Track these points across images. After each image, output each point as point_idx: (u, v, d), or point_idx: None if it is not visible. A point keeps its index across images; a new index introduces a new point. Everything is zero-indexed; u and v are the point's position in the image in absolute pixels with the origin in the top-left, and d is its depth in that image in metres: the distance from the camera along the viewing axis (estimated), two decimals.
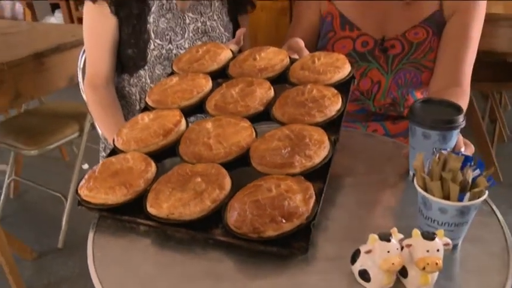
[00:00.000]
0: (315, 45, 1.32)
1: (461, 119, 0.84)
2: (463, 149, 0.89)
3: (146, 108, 0.95)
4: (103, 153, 1.40)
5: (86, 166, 2.62)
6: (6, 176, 2.50)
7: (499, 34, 2.12)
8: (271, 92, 0.89)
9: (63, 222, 2.21)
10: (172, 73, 1.05)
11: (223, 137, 0.79)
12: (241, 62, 0.99)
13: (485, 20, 1.23)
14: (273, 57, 0.98)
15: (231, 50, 1.07)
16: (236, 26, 1.35)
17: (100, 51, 1.26)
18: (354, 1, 1.24)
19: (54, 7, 4.45)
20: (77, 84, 1.82)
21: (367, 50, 1.23)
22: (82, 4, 1.21)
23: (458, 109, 0.87)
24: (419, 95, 1.30)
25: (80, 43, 1.86)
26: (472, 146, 0.96)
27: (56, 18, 4.29)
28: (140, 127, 0.86)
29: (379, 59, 1.23)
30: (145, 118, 0.88)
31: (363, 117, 1.29)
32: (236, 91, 0.88)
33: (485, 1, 1.21)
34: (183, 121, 0.87)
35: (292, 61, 1.00)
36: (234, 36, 1.32)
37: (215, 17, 1.29)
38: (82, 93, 1.68)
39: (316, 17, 1.30)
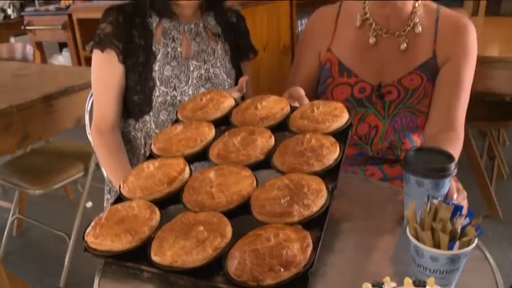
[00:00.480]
0: (315, 90, 1.38)
1: (453, 167, 0.88)
2: (455, 196, 0.92)
3: (151, 156, 0.99)
4: (108, 196, 1.44)
5: (89, 204, 2.64)
6: (10, 214, 2.52)
7: (495, 75, 2.17)
8: (272, 141, 0.93)
9: (66, 262, 2.21)
10: (177, 120, 1.09)
11: (225, 186, 0.83)
12: (243, 110, 1.04)
13: (481, 62, 1.29)
14: (273, 106, 1.03)
15: (233, 98, 1.11)
16: (238, 72, 1.41)
17: (107, 98, 1.32)
18: (352, 49, 1.30)
19: (62, 46, 4.58)
20: (83, 124, 1.87)
21: (365, 96, 1.28)
22: (88, 44, 1.27)
23: (450, 157, 0.90)
24: (415, 138, 1.34)
25: (87, 86, 1.92)
26: (464, 191, 0.99)
27: (64, 57, 4.41)
28: (145, 175, 0.90)
29: (376, 104, 1.28)
30: (150, 166, 0.92)
31: (361, 161, 1.33)
32: (238, 140, 0.92)
33: (476, 49, 1.27)
34: (187, 169, 0.91)
35: (293, 109, 1.05)
36: (236, 82, 1.38)
37: (218, 64, 1.34)
38: (88, 135, 1.73)
39: (315, 63, 1.36)
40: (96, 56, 1.31)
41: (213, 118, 1.05)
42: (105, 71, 1.31)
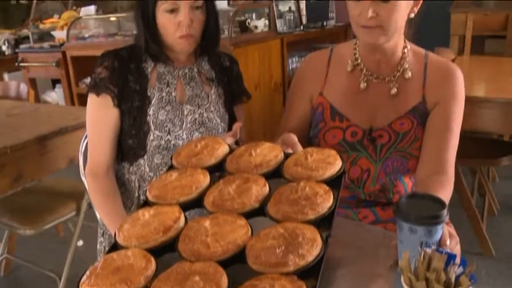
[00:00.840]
0: (308, 133, 1.40)
1: (445, 214, 0.89)
2: (448, 242, 0.93)
3: (146, 203, 1.00)
4: (101, 238, 1.43)
5: (80, 243, 2.62)
6: None
7: (481, 114, 2.23)
8: (266, 189, 0.94)
9: None
10: (172, 167, 1.10)
11: (221, 236, 0.83)
12: (237, 157, 1.05)
13: (467, 102, 1.32)
14: (268, 153, 1.05)
15: (227, 144, 1.13)
16: (232, 116, 1.43)
17: (102, 141, 1.33)
18: (344, 94, 1.33)
19: (55, 82, 4.61)
20: (77, 163, 1.87)
21: (357, 140, 1.31)
22: (82, 81, 1.29)
23: (442, 204, 0.92)
24: (407, 180, 1.36)
25: (81, 126, 1.94)
26: (457, 237, 1.00)
27: (57, 93, 4.43)
28: (141, 223, 0.90)
29: (368, 148, 1.30)
30: (145, 214, 0.92)
31: (354, 204, 1.34)
32: (233, 188, 0.94)
33: (464, 94, 1.30)
34: (182, 217, 0.91)
35: (287, 155, 1.06)
36: (229, 126, 1.40)
37: (212, 109, 1.37)
38: (82, 176, 1.73)
39: (308, 107, 1.38)
40: (92, 99, 1.33)
41: (208, 165, 1.06)
42: (100, 114, 1.33)
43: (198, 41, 1.32)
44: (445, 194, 1.19)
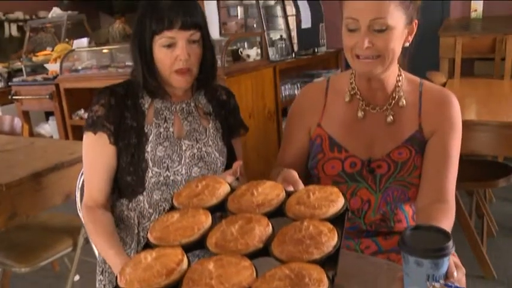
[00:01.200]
0: (306, 165, 1.40)
1: (451, 246, 0.88)
2: (455, 274, 0.92)
3: (148, 245, 0.98)
4: (100, 277, 1.41)
5: (77, 278, 2.57)
6: None
7: (474, 137, 2.24)
8: (270, 229, 0.93)
9: None
10: (173, 207, 1.09)
11: (225, 278, 0.82)
12: (239, 197, 1.04)
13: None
14: (269, 192, 1.04)
15: (228, 183, 1.12)
16: (230, 149, 1.42)
17: (97, 179, 1.32)
18: (342, 124, 1.33)
19: (49, 114, 4.61)
20: (73, 199, 1.85)
21: (356, 170, 1.30)
22: (75, 113, 1.28)
23: (447, 235, 0.91)
24: (407, 209, 1.35)
25: (77, 161, 1.92)
26: (463, 268, 0.99)
27: (50, 125, 4.43)
28: (143, 266, 0.89)
29: (367, 178, 1.30)
30: (148, 257, 0.91)
31: (355, 234, 1.33)
32: (236, 228, 0.93)
33: (460, 120, 1.31)
34: (185, 259, 0.90)
35: (288, 194, 1.06)
36: (228, 160, 1.40)
37: (210, 143, 1.36)
38: (79, 211, 1.71)
39: (306, 139, 1.38)
40: (88, 137, 1.33)
41: (209, 205, 1.05)
42: (97, 152, 1.32)
43: (195, 75, 1.32)
44: (448, 222, 1.19)
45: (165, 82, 1.32)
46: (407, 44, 1.25)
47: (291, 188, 1.11)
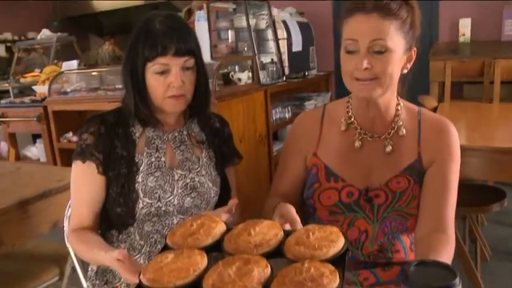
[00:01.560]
0: (301, 194, 1.37)
1: (457, 283, 0.85)
2: None
3: (140, 287, 0.94)
4: None
5: None
6: None
7: (465, 162, 2.22)
8: (268, 270, 0.89)
9: None
10: (166, 246, 1.05)
11: None
12: (236, 237, 1.00)
13: None
14: (267, 232, 1.00)
15: (224, 222, 1.08)
16: (223, 178, 1.39)
17: (85, 209, 1.29)
18: (338, 153, 1.31)
19: (36, 137, 4.53)
20: (61, 227, 1.79)
21: (353, 200, 1.28)
22: (63, 136, 1.24)
23: (453, 272, 0.88)
24: (405, 239, 1.33)
25: (65, 188, 1.86)
26: None
27: (38, 148, 4.35)
28: None
29: (365, 208, 1.28)
30: None
31: (353, 265, 1.30)
32: (233, 270, 0.88)
33: (459, 150, 1.30)
34: None
35: (287, 233, 1.02)
36: (221, 189, 1.36)
37: (203, 172, 1.33)
38: (66, 242, 1.66)
39: (301, 167, 1.36)
40: (77, 166, 1.29)
41: (205, 245, 1.01)
42: (85, 182, 1.28)
43: (189, 101, 1.30)
44: (448, 253, 1.16)
45: (157, 110, 1.29)
46: (405, 71, 1.24)
47: (288, 227, 1.08)
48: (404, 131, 1.29)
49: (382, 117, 1.29)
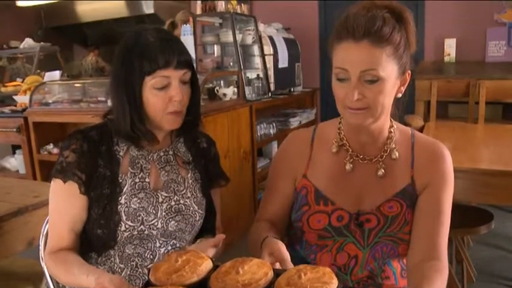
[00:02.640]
0: (289, 216, 1.32)
1: None
2: None
3: None
4: None
5: None
6: None
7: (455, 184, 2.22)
8: None
9: None
10: (149, 283, 0.99)
11: None
12: (223, 275, 0.95)
13: None
14: (256, 271, 0.95)
15: (211, 258, 1.03)
16: (209, 200, 1.34)
17: (64, 231, 1.23)
18: (328, 176, 1.27)
19: (15, 147, 4.42)
20: (37, 245, 1.72)
21: (343, 224, 1.24)
22: (43, 148, 1.18)
23: None
24: (396, 265, 1.29)
25: (42, 204, 1.79)
26: None
27: (17, 159, 4.24)
28: None
29: (355, 233, 1.23)
30: None
31: None
32: None
33: (453, 175, 1.27)
34: None
35: (277, 272, 0.97)
36: (207, 212, 1.31)
37: (189, 195, 1.28)
38: (41, 261, 1.58)
39: (291, 188, 1.32)
40: (57, 185, 1.23)
41: (190, 283, 0.95)
42: (65, 201, 1.22)
43: (183, 117, 1.24)
44: (441, 281, 1.13)
45: (152, 126, 1.24)
46: (399, 95, 1.21)
47: (277, 266, 1.03)
48: (397, 154, 1.26)
49: (374, 141, 1.26)
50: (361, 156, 1.26)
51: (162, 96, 1.17)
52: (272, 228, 1.27)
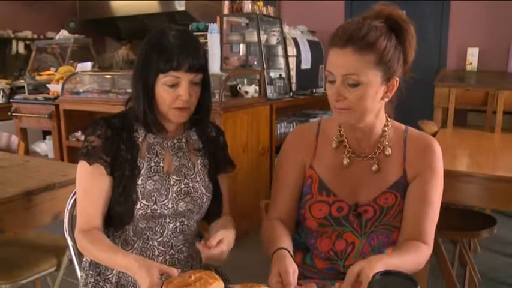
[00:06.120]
0: (299, 203, 1.42)
1: None
2: None
3: None
4: None
5: None
6: None
7: (462, 188, 2.28)
8: None
9: None
10: None
11: None
12: None
13: (450, 176, 1.35)
14: None
15: (222, 281, 1.09)
16: (216, 185, 1.46)
17: (92, 209, 1.34)
18: (330, 169, 1.37)
19: (46, 133, 4.65)
20: (62, 219, 1.86)
21: (342, 215, 1.34)
22: (72, 135, 1.30)
23: (414, 282, 0.95)
24: (389, 252, 1.36)
25: (69, 183, 1.95)
26: None
27: (47, 144, 4.46)
28: None
29: (353, 223, 1.33)
30: None
31: (332, 276, 1.35)
32: None
33: (442, 166, 1.35)
34: None
35: None
36: (214, 195, 1.43)
37: (198, 179, 1.40)
38: (65, 233, 1.72)
39: (300, 177, 1.40)
40: (83, 167, 1.34)
41: None
42: (93, 182, 1.34)
43: (192, 113, 1.37)
44: (418, 257, 1.23)
45: (161, 117, 1.36)
46: (386, 100, 1.29)
47: None
48: (390, 150, 1.34)
49: (367, 138, 1.35)
50: (357, 153, 1.36)
51: (171, 93, 1.30)
52: (284, 230, 1.35)
